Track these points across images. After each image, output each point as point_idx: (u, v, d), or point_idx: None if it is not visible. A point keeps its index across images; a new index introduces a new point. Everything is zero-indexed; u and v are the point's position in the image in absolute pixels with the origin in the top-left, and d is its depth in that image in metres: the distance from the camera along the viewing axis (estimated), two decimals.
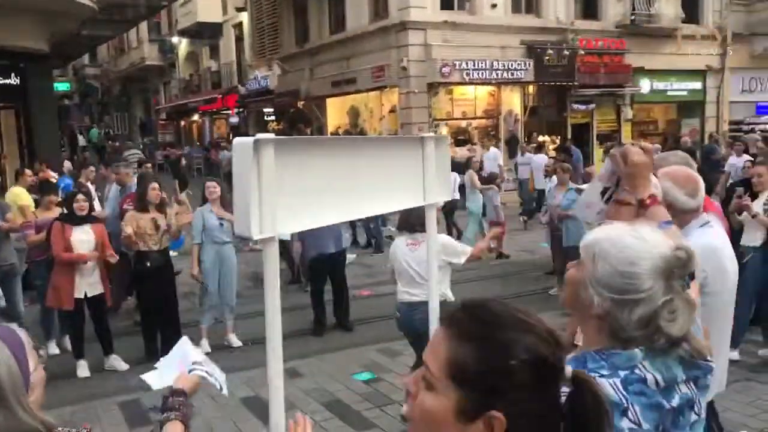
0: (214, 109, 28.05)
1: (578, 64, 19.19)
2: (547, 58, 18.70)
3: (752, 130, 21.53)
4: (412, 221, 4.91)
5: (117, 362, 6.27)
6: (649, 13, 20.49)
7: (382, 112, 19.29)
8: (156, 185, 6.58)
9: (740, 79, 23.19)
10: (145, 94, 38.18)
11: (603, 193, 2.09)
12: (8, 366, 1.37)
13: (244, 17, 25.62)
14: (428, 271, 2.15)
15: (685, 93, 22.47)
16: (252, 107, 25.29)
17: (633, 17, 20.26)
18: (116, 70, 38.19)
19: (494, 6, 18.40)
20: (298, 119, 23.17)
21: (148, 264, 6.38)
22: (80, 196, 5.97)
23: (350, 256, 10.85)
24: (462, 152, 16.57)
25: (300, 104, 22.20)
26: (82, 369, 6.10)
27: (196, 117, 31.00)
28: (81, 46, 22.21)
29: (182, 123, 32.34)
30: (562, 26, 19.33)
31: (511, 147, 18.77)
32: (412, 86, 17.48)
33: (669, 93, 22.19)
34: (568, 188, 8.32)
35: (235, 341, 6.96)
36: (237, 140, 1.28)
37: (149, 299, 6.50)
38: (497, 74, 18.05)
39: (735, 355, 5.49)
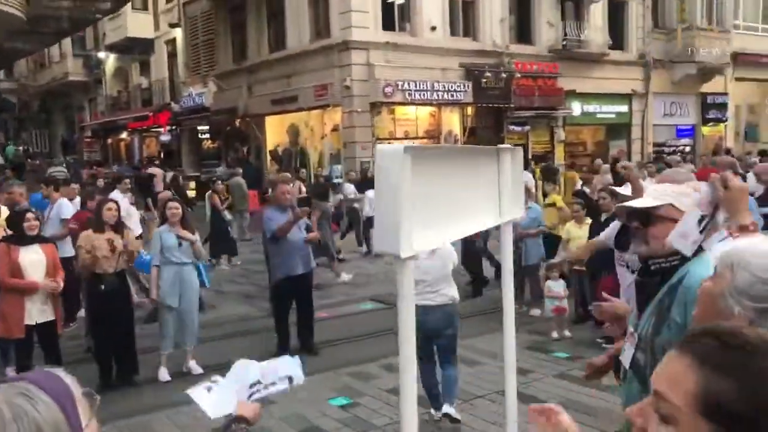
0: (145, 127, 27.15)
1: (514, 86, 19.75)
2: (484, 80, 19.14)
3: (674, 152, 22.78)
4: None
5: None
6: (579, 39, 21.37)
7: (325, 130, 19.17)
8: (113, 205, 6.22)
9: (662, 103, 24.47)
10: (67, 111, 36.56)
11: (700, 221, 2.03)
12: (55, 425, 1.08)
13: (178, 33, 25.02)
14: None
15: (613, 115, 23.49)
16: (186, 125, 24.62)
17: (564, 42, 21.06)
18: (35, 84, 36.43)
19: (434, 29, 18.71)
20: (235, 137, 22.81)
21: (103, 287, 5.99)
22: (30, 215, 5.54)
23: (346, 276, 10.55)
24: None
25: (237, 122, 21.81)
26: None
27: (124, 135, 29.89)
28: (1, 60, 21.08)
29: (109, 141, 31.10)
30: (498, 50, 19.87)
31: None
32: (355, 105, 17.47)
33: (598, 115, 23.14)
34: (528, 207, 8.43)
35: (195, 368, 6.60)
36: (383, 148, 1.14)
37: (103, 324, 6.09)
38: (438, 95, 18.31)
39: None
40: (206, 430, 5.16)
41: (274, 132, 21.31)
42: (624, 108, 23.58)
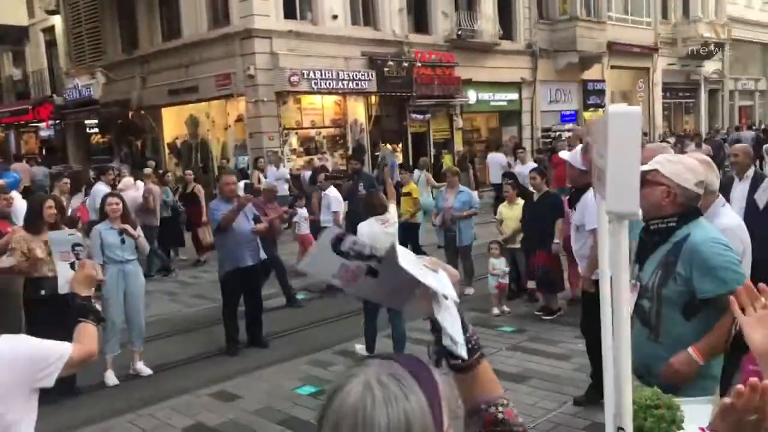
0: (22, 122, 25.13)
1: (415, 75, 20.11)
2: (387, 69, 19.36)
3: (559, 137, 24.13)
4: (375, 204, 6.25)
5: None
6: (472, 29, 22.08)
7: (228, 121, 18.64)
8: (52, 203, 5.82)
9: (548, 90, 25.83)
10: None
11: None
12: (423, 421, 0.99)
13: (57, 21, 23.32)
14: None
15: (505, 103, 24.52)
16: (71, 119, 23.03)
17: (459, 32, 21.69)
18: None
19: (335, 17, 18.67)
20: (128, 130, 21.67)
21: (43, 292, 5.59)
22: None
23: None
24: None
25: (131, 115, 20.74)
26: None
27: None
28: None
29: None
30: (398, 39, 20.14)
31: (358, 155, 19.09)
32: (260, 95, 17.13)
33: (492, 103, 24.06)
34: (459, 190, 8.72)
35: (144, 369, 6.32)
36: (616, 108, 1.21)
37: (42, 330, 5.66)
38: (343, 84, 18.32)
39: None
40: (172, 430, 5.03)
41: (172, 124, 20.46)
42: (515, 96, 24.66)
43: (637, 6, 28.44)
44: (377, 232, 6.10)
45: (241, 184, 9.94)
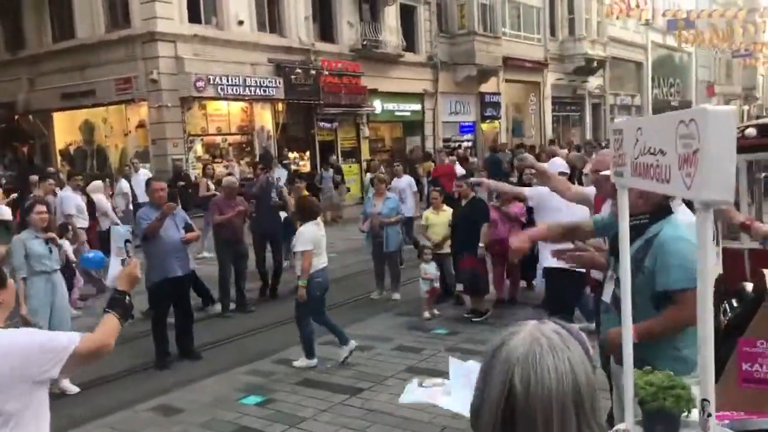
0: None
1: (322, 84, 20.15)
2: (294, 77, 19.27)
3: (459, 146, 24.98)
4: (311, 209, 6.51)
5: None
6: (377, 40, 22.43)
7: (129, 127, 17.81)
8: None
9: (449, 102, 26.67)
10: None
11: None
12: (584, 366, 1.11)
13: None
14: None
15: (408, 113, 25.06)
16: None
17: (365, 42, 21.96)
18: None
19: (241, 23, 18.37)
20: (13, 136, 20.18)
21: None
22: None
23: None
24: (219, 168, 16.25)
25: (16, 119, 19.34)
26: None
27: None
28: None
29: None
30: (304, 47, 20.10)
31: (266, 162, 18.83)
32: (164, 100, 16.51)
33: (396, 113, 24.53)
34: (386, 197, 8.84)
35: (70, 387, 5.93)
36: (716, 108, 1.34)
37: None
38: (250, 90, 18.03)
39: None
40: None
41: (65, 129, 19.26)
42: (417, 106, 25.26)
43: (529, 23, 30.01)
44: (318, 235, 6.21)
45: None
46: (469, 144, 27.46)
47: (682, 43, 33.64)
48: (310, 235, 6.12)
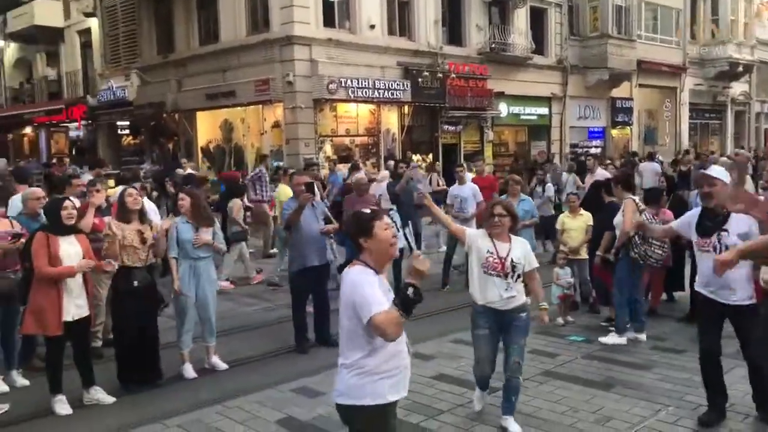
0: (54, 121, 25.33)
1: (448, 87, 20.19)
2: (421, 79, 19.45)
3: (585, 153, 24.12)
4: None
5: (100, 395, 5.40)
6: (505, 43, 22.16)
7: (264, 127, 18.73)
8: (133, 191, 5.83)
9: (577, 106, 25.85)
10: None
11: None
12: None
13: (93, 23, 23.56)
14: None
15: (534, 117, 24.55)
16: (103, 120, 23.21)
17: (493, 45, 21.77)
18: None
19: (372, 27, 18.80)
20: (160, 133, 21.80)
21: (136, 283, 5.61)
22: (68, 203, 5.10)
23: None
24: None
25: (164, 117, 20.87)
26: (62, 405, 5.17)
27: (28, 130, 27.72)
28: None
29: (9, 136, 28.66)
30: (433, 50, 20.24)
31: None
32: (298, 101, 17.22)
33: (522, 117, 24.10)
34: (521, 199, 8.71)
35: (220, 364, 6.32)
36: None
37: (130, 322, 5.69)
38: (379, 93, 18.40)
39: None
40: (264, 422, 5.01)
41: (206, 128, 20.57)
42: (544, 110, 24.69)
43: (666, 25, 28.48)
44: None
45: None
46: (598, 150, 26.49)
47: None
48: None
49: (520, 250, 4.76)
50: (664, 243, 6.59)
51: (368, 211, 3.16)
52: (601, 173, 11.42)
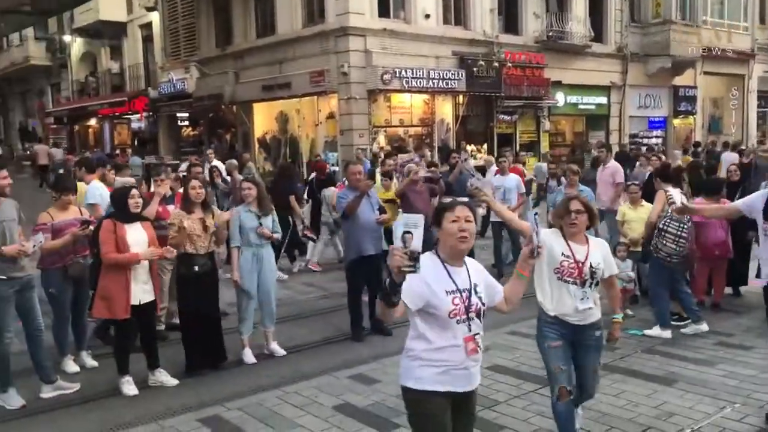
0: (117, 113, 26.23)
1: (504, 76, 19.93)
2: (476, 69, 19.26)
3: (645, 144, 23.45)
4: None
5: (164, 377, 5.59)
6: (562, 31, 21.72)
7: (319, 118, 18.92)
8: (196, 183, 5.98)
9: (637, 95, 25.13)
10: (25, 96, 34.95)
11: None
12: None
13: (154, 17, 24.23)
14: None
15: (593, 107, 24.00)
16: (164, 111, 23.90)
17: (550, 33, 21.36)
18: None
19: (428, 16, 18.72)
20: (218, 124, 22.30)
21: (196, 269, 5.77)
22: (135, 192, 5.29)
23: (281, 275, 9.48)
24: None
25: (222, 109, 21.33)
26: (129, 386, 5.38)
27: (93, 121, 28.80)
28: None
29: (76, 128, 29.87)
30: (488, 39, 20.01)
31: (443, 155, 19.07)
32: (352, 92, 17.31)
33: (580, 106, 23.60)
34: (579, 189, 8.55)
35: (278, 350, 6.45)
36: None
37: (193, 307, 5.86)
38: (433, 83, 18.33)
39: None
40: (322, 407, 5.09)
41: (262, 119, 20.94)
42: (603, 99, 24.12)
43: (734, 10, 27.37)
44: None
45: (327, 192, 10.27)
46: (659, 140, 25.73)
47: None
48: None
49: (600, 252, 4.05)
50: (679, 238, 6.43)
51: (449, 200, 3.12)
52: (613, 165, 10.66)
